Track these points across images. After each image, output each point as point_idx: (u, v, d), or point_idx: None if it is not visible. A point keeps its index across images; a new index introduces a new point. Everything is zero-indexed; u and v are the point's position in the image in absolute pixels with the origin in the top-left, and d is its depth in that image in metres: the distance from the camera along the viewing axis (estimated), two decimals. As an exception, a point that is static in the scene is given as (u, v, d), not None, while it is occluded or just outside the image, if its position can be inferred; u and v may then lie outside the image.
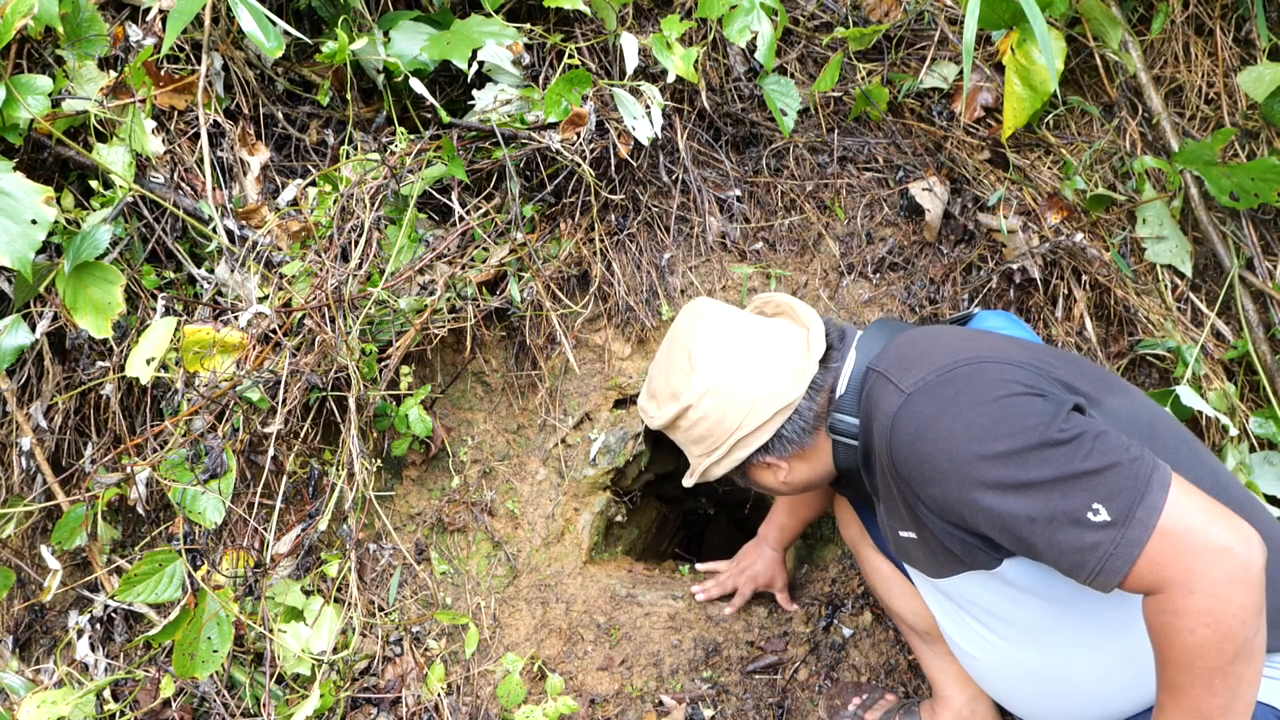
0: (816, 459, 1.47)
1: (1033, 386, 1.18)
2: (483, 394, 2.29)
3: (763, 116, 2.30)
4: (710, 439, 1.43)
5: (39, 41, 1.86)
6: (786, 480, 1.50)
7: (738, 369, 1.40)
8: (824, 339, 1.42)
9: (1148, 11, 2.24)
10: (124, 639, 1.93)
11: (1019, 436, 1.12)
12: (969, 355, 1.24)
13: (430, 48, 1.98)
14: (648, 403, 1.51)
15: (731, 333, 1.43)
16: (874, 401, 1.30)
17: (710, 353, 1.41)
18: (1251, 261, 2.11)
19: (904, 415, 1.22)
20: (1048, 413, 1.14)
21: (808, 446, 1.44)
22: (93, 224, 1.76)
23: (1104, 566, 1.07)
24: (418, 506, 2.19)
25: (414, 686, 1.95)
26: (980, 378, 1.20)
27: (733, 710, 2.03)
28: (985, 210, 2.21)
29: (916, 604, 1.73)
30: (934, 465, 1.19)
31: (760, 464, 1.47)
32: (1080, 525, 1.08)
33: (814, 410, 1.41)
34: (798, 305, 1.49)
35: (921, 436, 1.20)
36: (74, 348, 1.92)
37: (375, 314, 1.95)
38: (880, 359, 1.34)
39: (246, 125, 2.06)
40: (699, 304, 1.50)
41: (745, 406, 1.39)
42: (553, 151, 2.03)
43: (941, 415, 1.19)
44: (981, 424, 1.15)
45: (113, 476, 1.76)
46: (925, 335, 1.35)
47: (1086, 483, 1.08)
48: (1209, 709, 1.05)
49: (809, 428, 1.42)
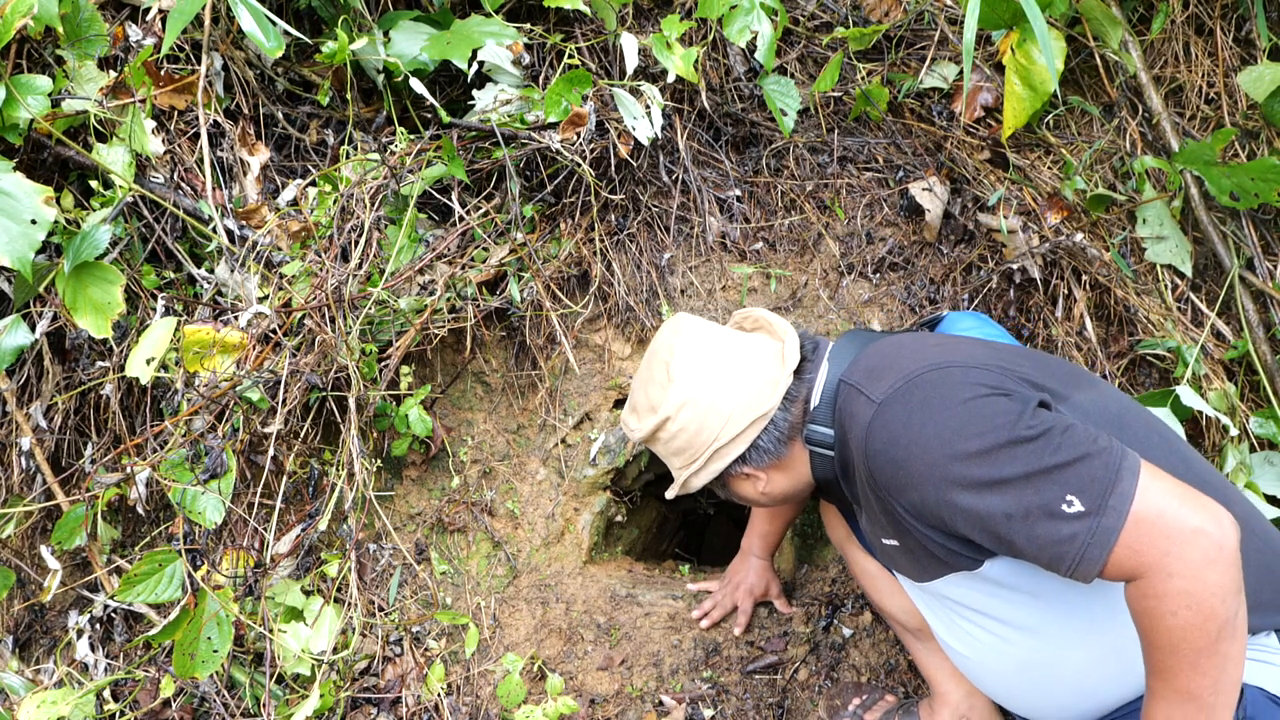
0: (793, 469, 1.49)
1: (998, 387, 1.21)
2: (483, 394, 2.29)
3: (763, 116, 2.30)
4: (689, 450, 1.46)
5: (39, 41, 1.86)
6: (765, 491, 1.52)
7: (714, 381, 1.43)
8: (798, 351, 1.45)
9: (1148, 11, 2.24)
10: (124, 639, 1.93)
11: (988, 435, 1.15)
12: (935, 360, 1.27)
13: (430, 48, 1.98)
14: (629, 416, 1.54)
15: (708, 346, 1.47)
16: (848, 413, 1.33)
17: (687, 366, 1.44)
18: (1251, 261, 2.11)
19: (876, 425, 1.25)
20: (1014, 411, 1.16)
21: (784, 457, 1.46)
22: (93, 224, 1.76)
23: (1083, 556, 1.09)
24: (418, 506, 2.19)
25: (414, 686, 1.95)
26: (946, 381, 1.23)
27: (733, 710, 2.03)
28: (985, 210, 2.21)
29: (906, 602, 1.74)
30: (909, 471, 1.21)
31: (739, 475, 1.49)
32: (1055, 518, 1.10)
33: (789, 420, 1.43)
34: (774, 319, 1.52)
35: (894, 444, 1.22)
36: (74, 348, 1.92)
37: (375, 314, 1.95)
38: (852, 370, 1.36)
39: (246, 125, 2.06)
40: (678, 319, 1.53)
41: (722, 417, 1.42)
42: (553, 151, 2.03)
43: (911, 421, 1.21)
44: (951, 426, 1.18)
45: (113, 476, 1.76)
46: (893, 344, 1.38)
47: (1058, 475, 1.11)
48: (1198, 688, 1.06)
49: (784, 438, 1.44)
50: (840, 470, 1.42)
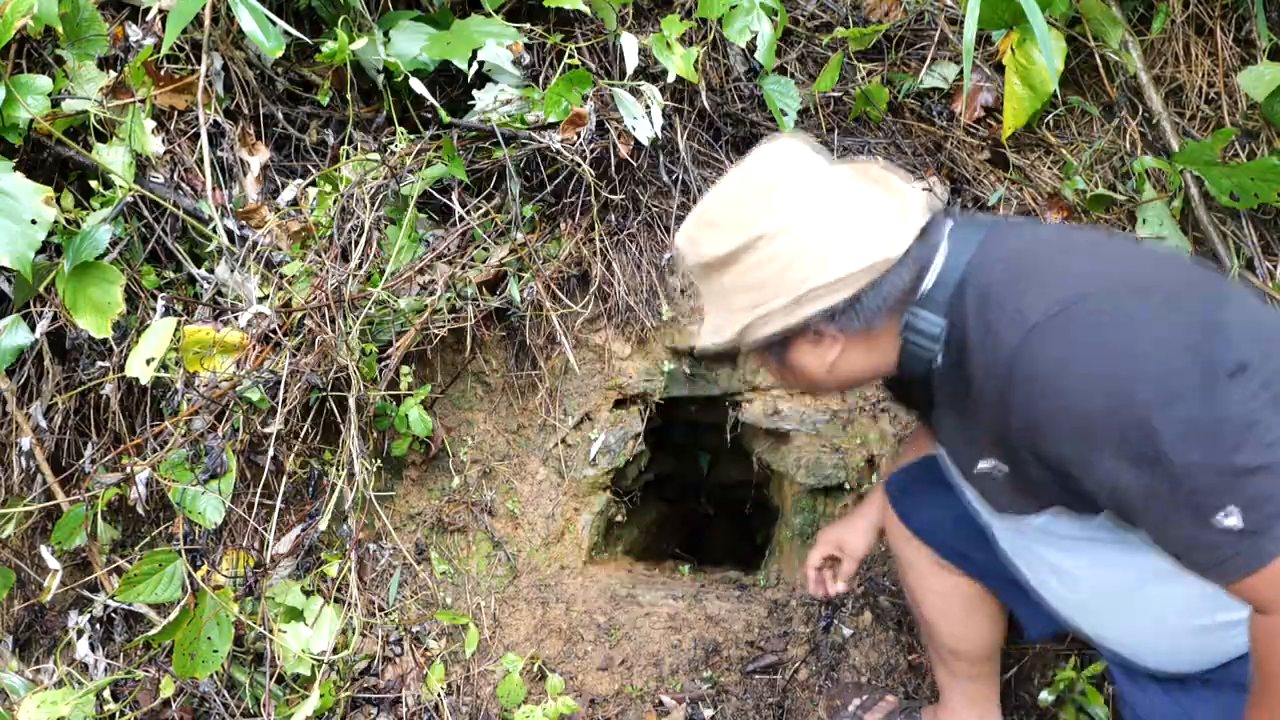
0: (877, 350, 1.23)
1: (1194, 342, 0.98)
2: (483, 394, 2.29)
3: (763, 116, 2.30)
4: (771, 286, 1.16)
5: (39, 41, 1.86)
6: (833, 366, 1.23)
7: (823, 213, 1.16)
8: (925, 211, 1.18)
9: (1148, 11, 2.24)
10: (124, 639, 1.93)
11: (1169, 408, 0.95)
12: (1100, 283, 1.05)
13: (430, 48, 1.98)
14: (700, 232, 1.23)
15: (818, 174, 1.20)
16: (980, 320, 1.10)
17: (793, 189, 1.17)
18: (1251, 261, 2.11)
19: (1026, 355, 1.03)
20: (1207, 379, 0.95)
21: (875, 331, 1.20)
22: (93, 224, 1.76)
23: (1213, 566, 0.98)
24: (418, 506, 2.19)
25: (414, 686, 1.95)
26: (1119, 318, 1.01)
27: (733, 710, 2.03)
28: (985, 210, 2.21)
29: (960, 629, 1.67)
30: (1057, 423, 1.03)
31: (813, 336, 1.21)
32: (1203, 523, 0.96)
33: (899, 289, 1.17)
34: (895, 176, 1.24)
35: (1047, 384, 1.02)
36: (74, 348, 1.92)
37: (375, 314, 1.95)
38: (984, 266, 1.13)
39: (246, 125, 2.06)
40: (781, 140, 1.26)
41: (822, 258, 1.14)
42: (553, 151, 2.03)
43: (1073, 366, 1.01)
44: (1123, 384, 0.98)
45: (113, 476, 1.76)
46: (1035, 240, 1.16)
47: (1232, 480, 0.94)
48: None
49: (886, 307, 1.17)
50: (941, 373, 1.20)
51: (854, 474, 2.28)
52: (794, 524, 2.38)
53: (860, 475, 2.29)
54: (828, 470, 2.28)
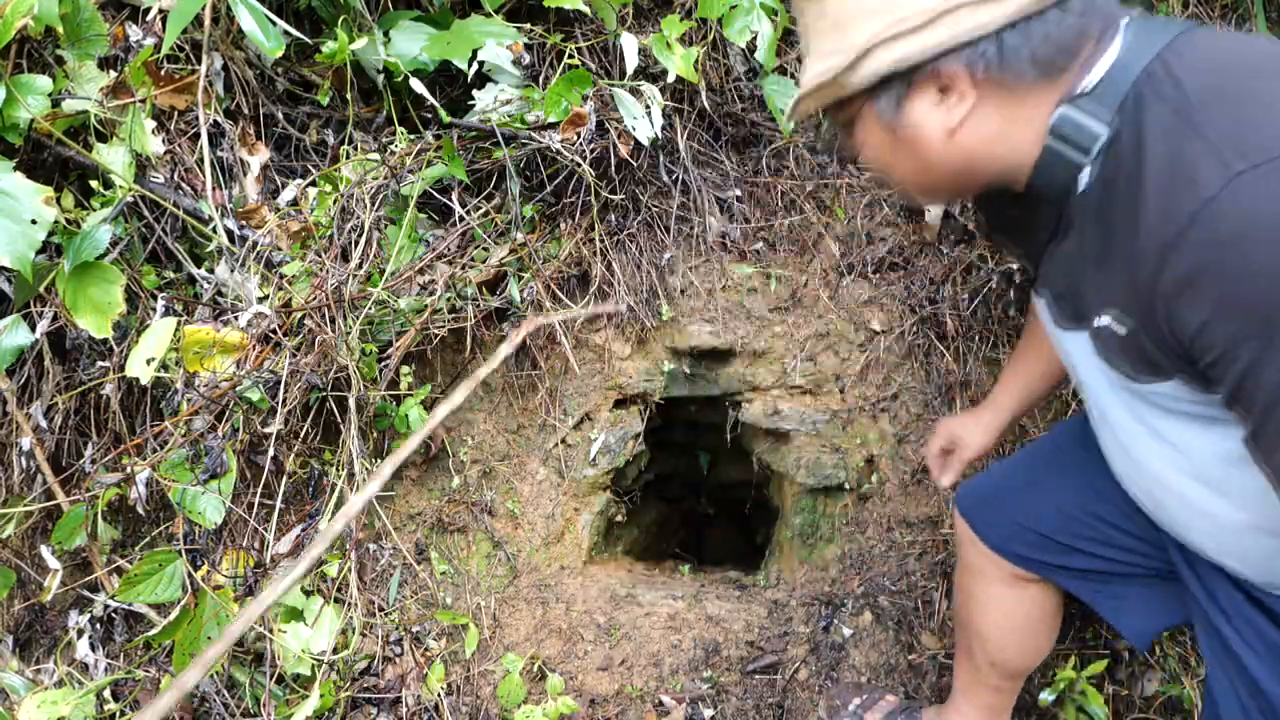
0: (1013, 129, 0.99)
1: None
2: (483, 394, 2.29)
3: (763, 116, 2.30)
4: (901, 7, 0.94)
5: (39, 41, 1.86)
6: (955, 131, 0.99)
7: None
8: None
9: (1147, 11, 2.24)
10: (124, 639, 1.93)
11: None
12: None
13: (430, 48, 1.98)
14: None
15: None
16: (1170, 145, 0.87)
17: None
18: None
19: (1221, 209, 0.81)
20: None
21: (1015, 93, 0.96)
22: (93, 224, 1.76)
23: None
24: (418, 506, 2.19)
25: (414, 686, 1.95)
26: None
27: (733, 710, 2.03)
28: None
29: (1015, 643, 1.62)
30: (1231, 297, 0.82)
31: (941, 77, 0.97)
32: None
33: (1052, 43, 0.93)
34: None
35: (1237, 251, 0.81)
36: (74, 348, 1.92)
37: (375, 314, 1.95)
38: (1184, 79, 0.88)
39: (246, 125, 2.06)
40: None
41: None
42: (553, 151, 2.03)
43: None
44: None
45: (113, 476, 1.76)
46: (1242, 49, 0.91)
47: None
48: None
49: (1033, 60, 0.94)
50: (1082, 197, 0.99)
51: (854, 474, 2.28)
52: (794, 524, 2.38)
53: (860, 475, 2.29)
54: (828, 470, 2.28)
